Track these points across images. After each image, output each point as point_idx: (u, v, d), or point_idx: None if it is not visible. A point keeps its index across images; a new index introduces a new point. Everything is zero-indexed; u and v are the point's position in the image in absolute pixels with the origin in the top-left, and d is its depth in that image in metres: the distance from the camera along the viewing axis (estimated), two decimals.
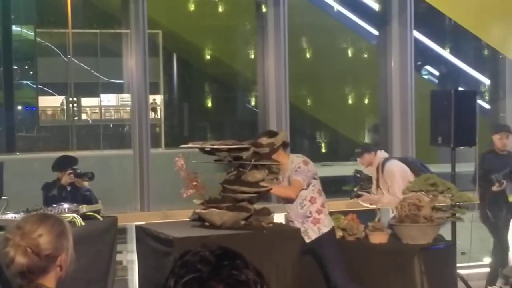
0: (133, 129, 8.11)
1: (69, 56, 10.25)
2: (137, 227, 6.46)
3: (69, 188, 6.81)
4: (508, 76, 9.56)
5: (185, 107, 11.86)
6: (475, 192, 7.49)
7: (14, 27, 11.29)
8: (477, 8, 8.64)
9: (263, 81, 8.59)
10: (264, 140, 6.13)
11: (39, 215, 2.72)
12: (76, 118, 10.98)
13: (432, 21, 10.38)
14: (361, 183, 7.05)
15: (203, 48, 11.32)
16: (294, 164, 6.16)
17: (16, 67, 11.48)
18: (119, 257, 7.16)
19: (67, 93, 10.72)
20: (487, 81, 10.54)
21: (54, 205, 6.02)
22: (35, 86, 11.56)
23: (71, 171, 6.80)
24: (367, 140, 11.13)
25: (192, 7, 10.97)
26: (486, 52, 10.36)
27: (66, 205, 5.98)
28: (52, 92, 11.47)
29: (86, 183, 6.90)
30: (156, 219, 7.35)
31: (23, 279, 2.54)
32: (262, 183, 5.98)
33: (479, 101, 9.11)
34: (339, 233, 6.39)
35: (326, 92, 11.93)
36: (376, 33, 10.26)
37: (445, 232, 6.62)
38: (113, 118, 11.60)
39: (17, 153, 10.74)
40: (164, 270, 5.57)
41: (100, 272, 6.03)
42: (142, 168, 7.80)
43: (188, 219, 6.16)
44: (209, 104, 11.57)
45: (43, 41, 11.38)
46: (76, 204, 6.08)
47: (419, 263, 5.92)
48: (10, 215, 5.67)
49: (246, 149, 5.88)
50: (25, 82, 11.96)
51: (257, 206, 6.23)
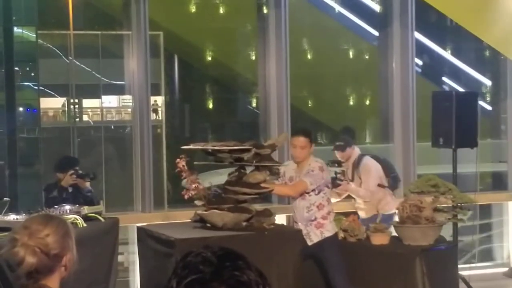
0: (134, 131, 8.12)
1: (70, 58, 10.24)
2: (138, 228, 6.47)
3: (70, 189, 6.81)
4: (510, 77, 9.55)
5: (186, 108, 11.85)
6: (476, 193, 7.48)
7: (15, 29, 11.29)
8: (478, 9, 8.64)
9: (264, 82, 8.60)
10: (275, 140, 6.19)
11: (43, 215, 2.74)
12: (77, 119, 10.98)
13: (433, 22, 10.38)
14: (338, 174, 7.12)
15: (204, 50, 11.32)
16: (310, 167, 6.20)
17: (18, 68, 11.47)
18: (120, 258, 7.16)
19: (68, 94, 10.72)
20: (488, 82, 10.54)
21: (56, 206, 6.03)
22: (36, 87, 11.56)
23: (72, 171, 6.80)
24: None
25: (193, 9, 10.97)
26: (487, 53, 10.36)
27: (67, 206, 5.98)
28: (53, 93, 11.47)
29: (87, 184, 6.90)
30: (157, 220, 7.35)
31: (29, 279, 2.55)
32: (263, 184, 5.99)
33: (480, 102, 9.11)
34: (340, 235, 6.39)
35: (327, 93, 11.92)
36: (377, 34, 10.25)
37: (446, 233, 6.62)
38: (114, 119, 11.60)
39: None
40: (165, 271, 5.57)
41: (101, 273, 6.03)
42: (144, 169, 7.80)
43: (190, 220, 6.17)
44: (210, 106, 11.56)
45: (44, 43, 11.38)
46: (77, 205, 6.09)
47: (421, 264, 5.92)
48: (12, 216, 5.68)
49: (247, 150, 5.89)
50: (26, 83, 11.96)
51: (259, 207, 6.24)
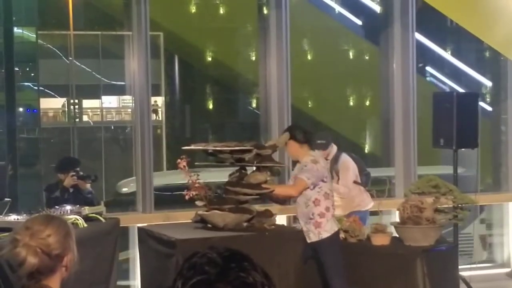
0: (135, 131, 8.11)
1: (70, 58, 10.24)
2: (139, 229, 6.47)
3: (71, 190, 6.81)
4: (510, 78, 9.55)
5: (187, 109, 11.85)
6: (476, 193, 7.48)
7: (15, 29, 11.28)
8: (479, 9, 8.64)
9: (265, 83, 8.59)
10: (276, 141, 6.17)
11: (44, 216, 2.74)
12: (77, 120, 10.98)
13: (434, 23, 10.38)
14: None
15: (204, 50, 11.32)
16: (303, 163, 6.07)
17: (18, 69, 11.47)
18: (121, 258, 7.15)
19: (68, 95, 10.72)
20: (488, 83, 10.54)
21: (57, 206, 6.02)
22: (36, 88, 11.56)
23: (74, 173, 6.79)
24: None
25: (193, 9, 10.97)
26: (487, 54, 10.36)
27: (68, 207, 5.98)
28: (53, 94, 11.47)
29: (88, 185, 6.90)
30: (158, 221, 7.35)
31: (30, 279, 2.54)
32: (264, 185, 5.98)
33: (481, 103, 9.10)
34: (341, 235, 6.37)
35: (327, 94, 11.92)
36: (377, 35, 10.25)
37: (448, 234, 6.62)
38: (114, 120, 11.60)
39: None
40: (166, 272, 5.57)
41: (102, 273, 6.03)
42: (144, 169, 7.80)
43: (191, 220, 6.17)
44: (211, 106, 11.56)
45: (44, 43, 11.38)
46: (78, 205, 6.09)
47: (421, 265, 5.91)
48: (13, 217, 5.67)
49: (248, 151, 5.89)
50: (26, 84, 11.95)
51: (260, 208, 6.24)
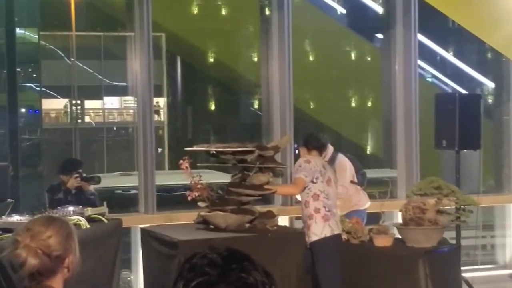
0: (137, 132, 8.11)
1: (72, 59, 10.25)
2: (142, 229, 6.47)
3: (74, 191, 6.80)
4: None
5: (189, 110, 11.86)
6: (478, 195, 7.48)
7: (17, 30, 11.29)
8: (480, 10, 8.64)
9: (266, 84, 8.59)
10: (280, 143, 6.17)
11: (46, 217, 2.74)
12: (79, 120, 10.99)
13: (436, 24, 10.38)
14: None
15: (206, 51, 11.32)
16: (297, 165, 6.12)
17: (20, 69, 11.47)
18: (123, 259, 7.15)
19: (70, 95, 10.73)
20: (491, 84, 10.53)
21: (59, 207, 6.02)
22: (38, 88, 11.57)
23: (77, 174, 6.79)
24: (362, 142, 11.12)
25: (195, 10, 10.98)
26: (489, 55, 10.36)
27: (71, 208, 5.98)
28: (55, 94, 11.49)
29: (91, 187, 6.89)
30: (161, 221, 7.35)
31: (31, 280, 2.54)
32: (266, 186, 5.98)
33: (483, 104, 9.09)
34: (343, 236, 6.36)
35: (329, 95, 11.93)
36: (380, 36, 10.25)
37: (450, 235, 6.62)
38: (116, 120, 11.61)
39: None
40: (168, 273, 5.57)
41: (104, 274, 6.02)
42: (147, 170, 7.80)
43: (193, 221, 6.17)
44: (213, 107, 11.57)
45: (46, 44, 11.39)
46: (81, 206, 6.09)
47: (424, 266, 5.91)
48: (16, 217, 5.67)
49: (251, 152, 5.89)
50: (28, 84, 11.96)
51: (262, 209, 6.24)
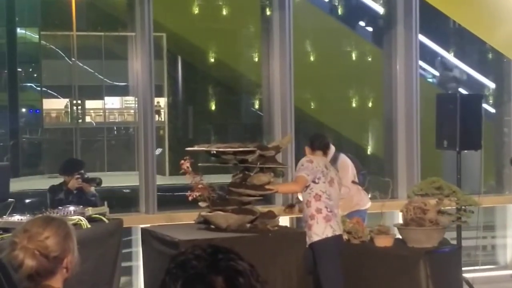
0: (138, 132, 8.11)
1: (73, 59, 10.26)
2: (143, 229, 6.46)
3: (75, 192, 6.80)
4: None
5: (189, 110, 11.86)
6: (480, 195, 7.47)
7: (18, 30, 11.30)
8: (482, 11, 8.63)
9: (267, 84, 8.58)
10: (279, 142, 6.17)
11: (43, 217, 2.73)
12: (80, 120, 10.99)
13: (437, 24, 10.38)
14: None
15: (207, 51, 11.32)
16: (300, 164, 6.11)
17: (21, 69, 11.50)
18: (124, 259, 7.15)
19: (71, 95, 10.74)
20: (491, 84, 10.53)
21: (60, 207, 6.03)
22: (39, 88, 11.58)
23: (78, 175, 6.78)
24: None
25: (196, 10, 10.98)
26: (491, 56, 10.35)
27: (72, 207, 5.98)
28: (56, 94, 11.50)
29: (92, 188, 6.88)
30: (161, 221, 7.35)
31: (30, 281, 2.54)
32: (267, 186, 5.98)
33: (484, 105, 9.10)
34: (344, 236, 6.36)
35: (330, 95, 11.93)
36: (381, 36, 10.25)
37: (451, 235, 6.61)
38: (117, 120, 11.61)
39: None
40: None
41: (105, 274, 6.03)
42: (148, 170, 7.79)
43: (194, 221, 6.17)
44: (213, 107, 11.57)
45: (47, 44, 11.40)
46: (81, 206, 6.09)
47: (425, 266, 5.90)
48: (17, 217, 5.68)
49: (252, 152, 5.88)
50: (29, 84, 11.98)
51: (263, 209, 6.23)
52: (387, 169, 9.03)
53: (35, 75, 11.86)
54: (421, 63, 9.53)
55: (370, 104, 11.41)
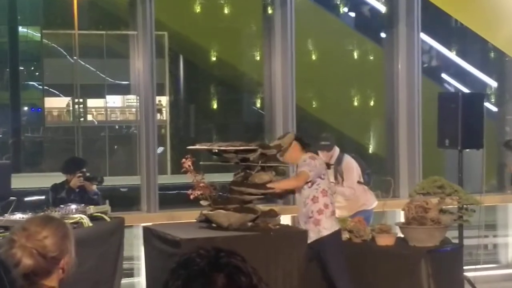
0: (139, 131, 8.11)
1: (75, 58, 10.26)
2: (144, 228, 6.46)
3: (77, 191, 6.80)
4: None
5: (191, 108, 11.86)
6: (482, 194, 7.47)
7: (20, 28, 11.31)
8: (484, 10, 8.63)
9: (269, 83, 8.58)
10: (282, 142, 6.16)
11: (43, 216, 2.73)
12: (82, 119, 11.00)
13: (439, 23, 10.37)
14: None
15: (209, 50, 11.32)
16: (302, 160, 6.10)
17: (22, 68, 11.50)
18: (125, 257, 7.15)
19: (73, 94, 10.75)
20: (493, 83, 10.52)
21: (62, 206, 6.03)
22: (41, 87, 11.59)
23: (80, 174, 6.78)
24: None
25: (198, 9, 10.98)
26: (493, 55, 10.35)
27: (73, 206, 5.98)
28: (58, 93, 11.50)
29: (94, 187, 6.87)
30: (163, 220, 7.35)
31: (26, 280, 2.54)
32: (268, 185, 5.97)
33: (486, 104, 9.09)
34: (345, 235, 6.36)
35: (332, 94, 11.93)
36: (382, 35, 10.24)
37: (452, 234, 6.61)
38: (118, 119, 11.62)
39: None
40: None
41: (107, 273, 6.03)
42: (149, 169, 7.79)
43: (195, 220, 6.16)
44: (215, 106, 11.58)
45: (49, 43, 11.41)
46: (83, 204, 6.09)
47: (426, 265, 5.90)
48: (18, 216, 5.68)
49: (253, 150, 5.88)
50: (31, 83, 11.98)
51: (264, 207, 6.23)
52: (388, 168, 9.03)
53: (37, 73, 11.87)
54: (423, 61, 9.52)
55: (372, 103, 11.41)
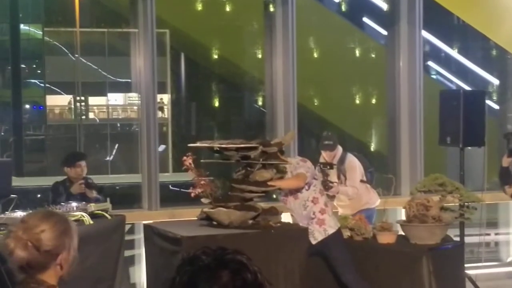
0: (141, 128, 8.11)
1: (76, 55, 10.25)
2: (145, 226, 6.46)
3: (78, 197, 6.77)
4: None
5: (193, 106, 11.86)
6: (483, 192, 7.46)
7: (22, 26, 11.31)
8: (486, 7, 8.62)
9: (270, 81, 8.58)
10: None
11: (45, 211, 2.74)
12: (83, 117, 11.01)
13: (441, 21, 10.36)
14: (328, 175, 7.13)
15: (210, 48, 11.32)
16: (294, 163, 6.12)
17: (24, 66, 11.51)
18: (126, 255, 7.15)
19: (74, 92, 10.75)
20: (495, 81, 10.52)
21: (63, 203, 6.03)
22: (42, 85, 11.59)
23: (82, 180, 6.76)
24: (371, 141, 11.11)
25: (199, 7, 10.97)
26: (494, 52, 10.34)
27: (74, 204, 5.99)
28: (59, 91, 11.51)
29: (95, 193, 6.83)
30: (164, 218, 7.35)
31: (22, 272, 2.54)
32: (269, 183, 5.97)
33: (487, 101, 9.08)
34: (347, 233, 6.36)
35: (333, 92, 11.92)
36: (384, 32, 10.23)
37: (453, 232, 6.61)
38: (120, 117, 11.62)
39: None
40: (171, 269, 5.55)
41: (108, 270, 6.04)
42: (150, 167, 7.80)
43: (196, 218, 6.16)
44: (216, 104, 11.58)
45: (51, 40, 11.41)
46: (84, 202, 6.09)
47: (427, 263, 5.90)
48: (19, 213, 5.68)
49: (254, 148, 5.88)
50: (32, 81, 11.99)
51: (265, 205, 6.23)
52: (390, 166, 9.03)
53: (39, 71, 11.87)
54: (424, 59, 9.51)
55: (374, 101, 11.40)
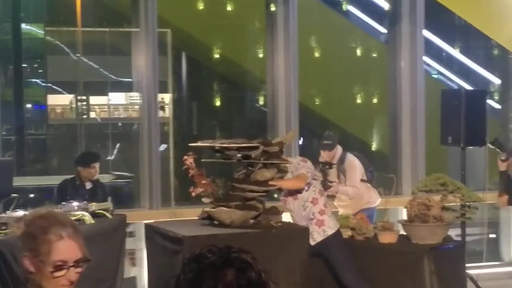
0: (142, 128, 8.12)
1: (78, 55, 10.24)
2: (146, 225, 6.47)
3: (88, 186, 6.78)
4: None
5: (194, 106, 11.85)
6: (484, 191, 7.45)
7: (23, 25, 11.30)
8: (487, 7, 8.61)
9: (272, 80, 8.58)
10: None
11: (44, 210, 2.73)
12: (85, 116, 11.00)
13: (442, 20, 10.35)
14: (328, 175, 7.14)
15: (212, 47, 11.31)
16: (294, 163, 6.12)
17: (26, 65, 11.50)
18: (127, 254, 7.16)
19: (76, 91, 10.74)
20: (497, 80, 10.51)
21: (64, 202, 6.03)
22: (44, 84, 11.59)
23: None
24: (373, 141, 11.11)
25: (201, 6, 10.96)
26: (496, 52, 10.33)
27: (75, 203, 5.99)
28: (61, 90, 11.49)
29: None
30: (165, 217, 7.35)
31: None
32: (271, 182, 5.97)
33: (489, 101, 9.07)
34: (348, 233, 6.36)
35: (335, 91, 11.90)
36: (386, 32, 10.23)
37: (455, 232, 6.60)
38: (121, 116, 11.61)
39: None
40: (173, 268, 5.57)
41: (109, 270, 6.04)
42: (151, 166, 7.80)
43: (197, 217, 6.17)
44: (218, 103, 11.56)
45: (52, 40, 11.39)
46: (85, 202, 6.09)
47: (429, 263, 5.90)
48: (20, 213, 5.69)
49: (255, 148, 5.88)
50: (34, 80, 11.98)
51: (266, 205, 6.23)
52: (391, 165, 9.02)
53: (40, 71, 11.87)
54: (425, 59, 9.51)
55: (375, 100, 11.38)
